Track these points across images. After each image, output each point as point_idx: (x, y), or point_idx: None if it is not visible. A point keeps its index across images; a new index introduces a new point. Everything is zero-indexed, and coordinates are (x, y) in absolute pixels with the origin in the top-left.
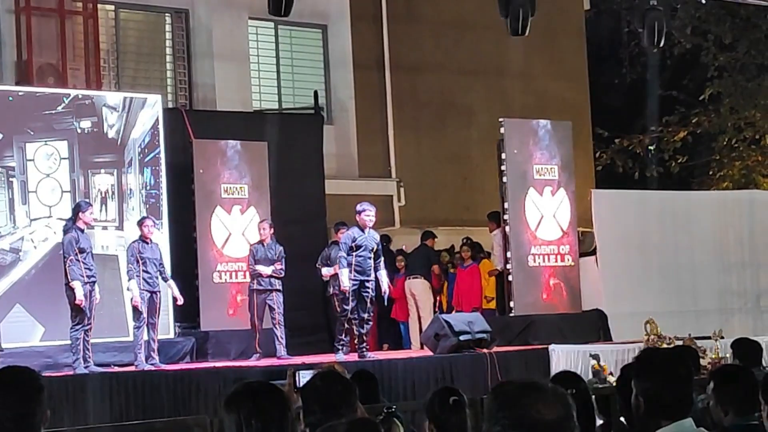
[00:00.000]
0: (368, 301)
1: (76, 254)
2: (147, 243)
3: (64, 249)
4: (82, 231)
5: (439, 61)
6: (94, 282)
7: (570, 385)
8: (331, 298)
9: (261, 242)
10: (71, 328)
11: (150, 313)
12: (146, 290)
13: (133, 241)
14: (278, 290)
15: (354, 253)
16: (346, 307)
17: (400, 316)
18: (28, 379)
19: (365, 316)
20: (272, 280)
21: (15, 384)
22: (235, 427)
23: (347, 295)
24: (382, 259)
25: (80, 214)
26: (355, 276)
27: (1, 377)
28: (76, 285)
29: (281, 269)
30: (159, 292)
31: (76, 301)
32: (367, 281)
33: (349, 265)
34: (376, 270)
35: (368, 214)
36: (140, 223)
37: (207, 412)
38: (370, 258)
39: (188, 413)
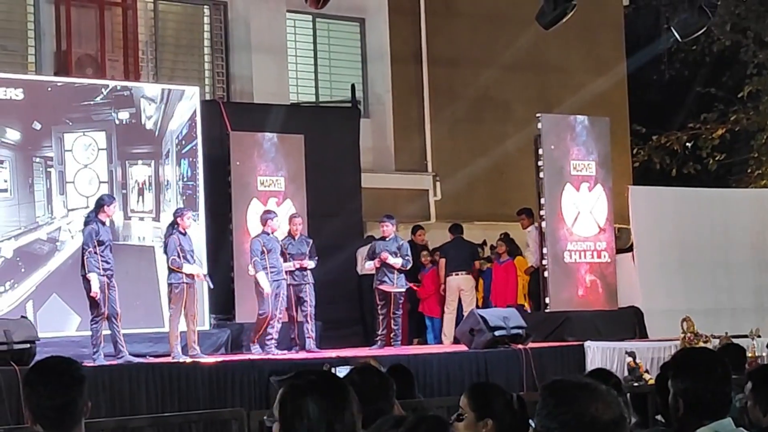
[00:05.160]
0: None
1: (95, 246)
2: (184, 234)
3: (84, 240)
4: (104, 224)
5: (476, 55)
6: (111, 275)
7: (602, 382)
8: (375, 291)
9: (292, 236)
10: (91, 320)
11: (188, 302)
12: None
13: (171, 233)
14: (311, 283)
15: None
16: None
17: (431, 310)
18: (69, 369)
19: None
20: (305, 273)
21: (57, 374)
22: (320, 414)
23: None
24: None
25: (105, 207)
26: None
27: (43, 367)
28: (92, 276)
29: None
30: (194, 282)
31: (92, 293)
32: None
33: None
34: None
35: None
36: (180, 214)
37: (243, 404)
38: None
39: (224, 405)
